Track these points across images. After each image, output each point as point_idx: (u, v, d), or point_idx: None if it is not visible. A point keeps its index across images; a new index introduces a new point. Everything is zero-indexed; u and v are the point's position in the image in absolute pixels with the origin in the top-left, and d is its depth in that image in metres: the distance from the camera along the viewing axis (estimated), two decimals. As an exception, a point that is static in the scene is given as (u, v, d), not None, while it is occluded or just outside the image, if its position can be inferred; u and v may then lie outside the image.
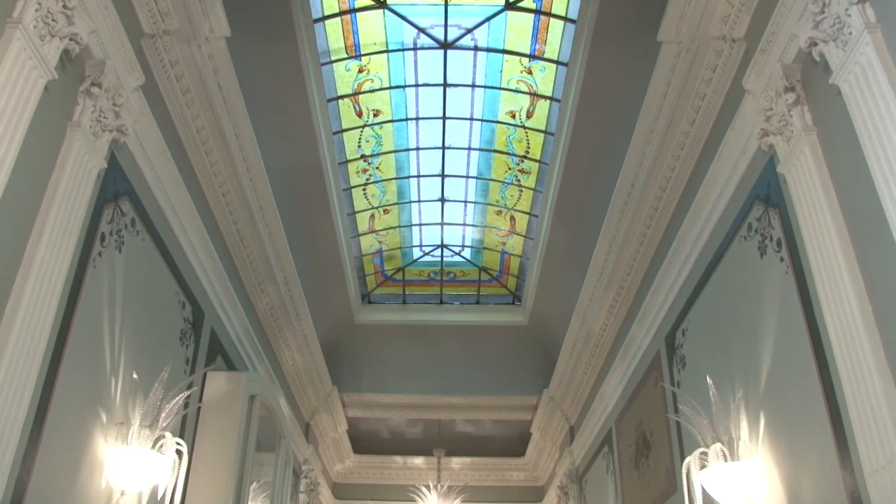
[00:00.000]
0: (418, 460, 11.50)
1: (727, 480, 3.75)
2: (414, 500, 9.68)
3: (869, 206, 2.83)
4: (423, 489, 9.62)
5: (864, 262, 2.90)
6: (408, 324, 9.55)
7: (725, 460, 3.76)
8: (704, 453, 3.89)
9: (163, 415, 3.79)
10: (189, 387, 4.23)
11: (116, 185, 3.79)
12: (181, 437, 4.14)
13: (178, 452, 3.88)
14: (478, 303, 9.69)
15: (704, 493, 3.97)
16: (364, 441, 11.21)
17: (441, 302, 9.67)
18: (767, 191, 3.82)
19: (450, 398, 9.60)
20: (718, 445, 3.81)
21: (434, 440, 11.01)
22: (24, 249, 2.96)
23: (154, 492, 3.82)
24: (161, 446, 3.72)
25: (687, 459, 4.04)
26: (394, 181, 7.75)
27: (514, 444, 11.28)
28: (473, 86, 6.48)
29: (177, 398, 3.88)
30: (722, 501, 3.91)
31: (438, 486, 9.71)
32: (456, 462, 11.43)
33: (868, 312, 2.79)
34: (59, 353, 3.17)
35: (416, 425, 10.83)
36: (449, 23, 5.87)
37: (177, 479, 3.90)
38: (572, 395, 8.43)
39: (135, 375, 3.84)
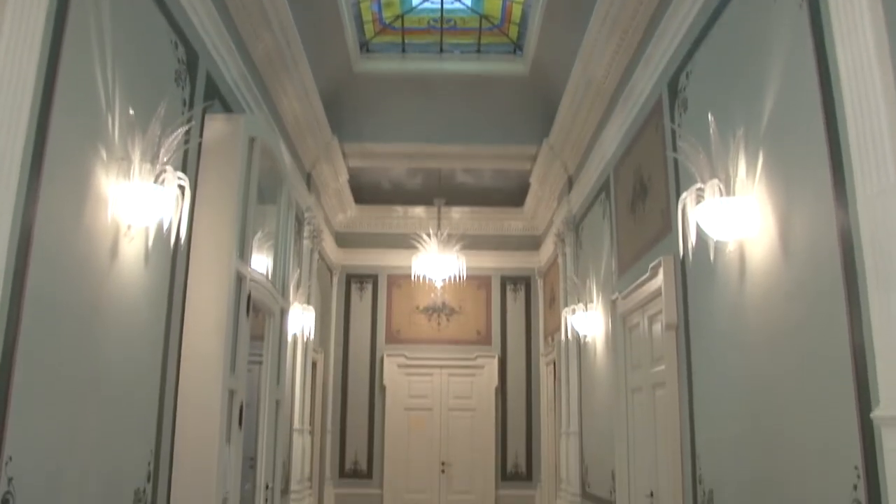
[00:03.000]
0: (418, 210, 11.77)
1: (721, 216, 3.83)
2: (415, 248, 10.00)
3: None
4: (424, 236, 9.91)
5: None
6: (407, 73, 9.38)
7: (721, 196, 3.82)
8: (701, 190, 3.94)
9: (163, 150, 3.80)
10: (188, 122, 4.20)
11: None
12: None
13: (181, 189, 3.92)
14: (478, 52, 9.47)
15: (698, 230, 4.07)
16: (365, 192, 11.40)
17: (441, 51, 9.44)
18: (788, -84, 3.58)
19: (449, 147, 9.62)
20: (715, 181, 3.85)
21: (434, 191, 11.20)
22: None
23: (160, 226, 3.91)
24: (163, 181, 3.76)
25: (684, 195, 4.09)
26: (391, -82, 7.31)
27: (513, 195, 11.48)
28: None
29: (176, 132, 3.88)
30: (715, 237, 4.02)
31: (438, 234, 9.99)
32: (456, 212, 11.70)
33: (883, 42, 2.69)
34: (49, 90, 3.09)
35: (416, 176, 10.96)
36: None
37: (181, 214, 3.98)
38: (572, 144, 8.45)
39: (131, 112, 3.80)
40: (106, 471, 3.71)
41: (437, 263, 9.89)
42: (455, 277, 9.89)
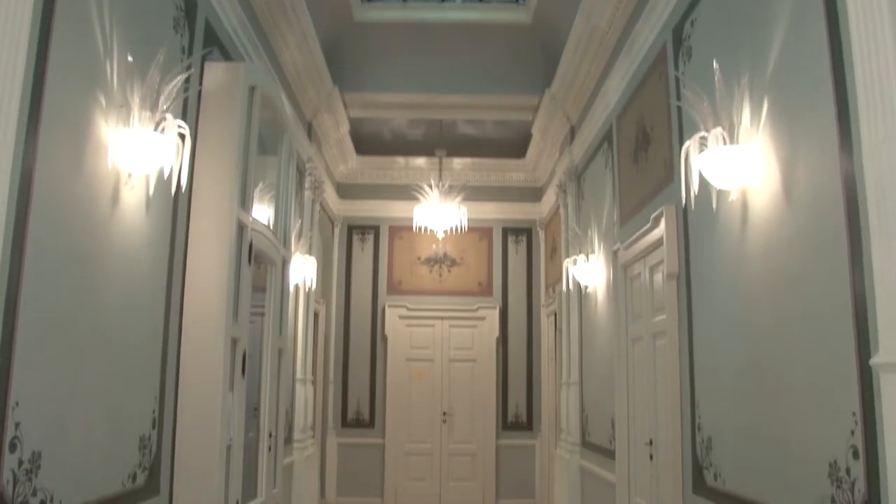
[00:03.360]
0: (420, 161, 11.71)
1: (725, 164, 3.81)
2: (416, 199, 9.99)
3: None
4: (426, 187, 9.90)
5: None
6: (408, 22, 9.27)
7: (725, 144, 3.79)
8: (704, 138, 3.91)
9: (162, 97, 3.76)
10: (187, 69, 4.15)
11: None
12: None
13: (181, 137, 3.89)
14: (480, 0, 9.34)
15: (701, 178, 4.05)
16: (366, 143, 11.34)
17: (442, -1, 9.33)
18: None
19: (451, 97, 9.57)
20: (719, 129, 3.82)
21: (435, 142, 11.14)
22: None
23: (160, 174, 3.89)
24: (163, 129, 3.73)
25: (687, 143, 4.06)
26: None
27: (514, 147, 11.43)
28: None
29: (175, 80, 3.84)
30: (717, 186, 4.00)
31: (440, 185, 9.97)
32: (457, 163, 11.65)
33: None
34: (45, 36, 3.04)
35: (417, 127, 10.89)
36: None
37: (181, 162, 3.95)
38: (574, 95, 8.38)
39: (130, 58, 3.76)
40: (111, 417, 3.74)
41: (438, 214, 9.89)
42: (456, 228, 9.90)
